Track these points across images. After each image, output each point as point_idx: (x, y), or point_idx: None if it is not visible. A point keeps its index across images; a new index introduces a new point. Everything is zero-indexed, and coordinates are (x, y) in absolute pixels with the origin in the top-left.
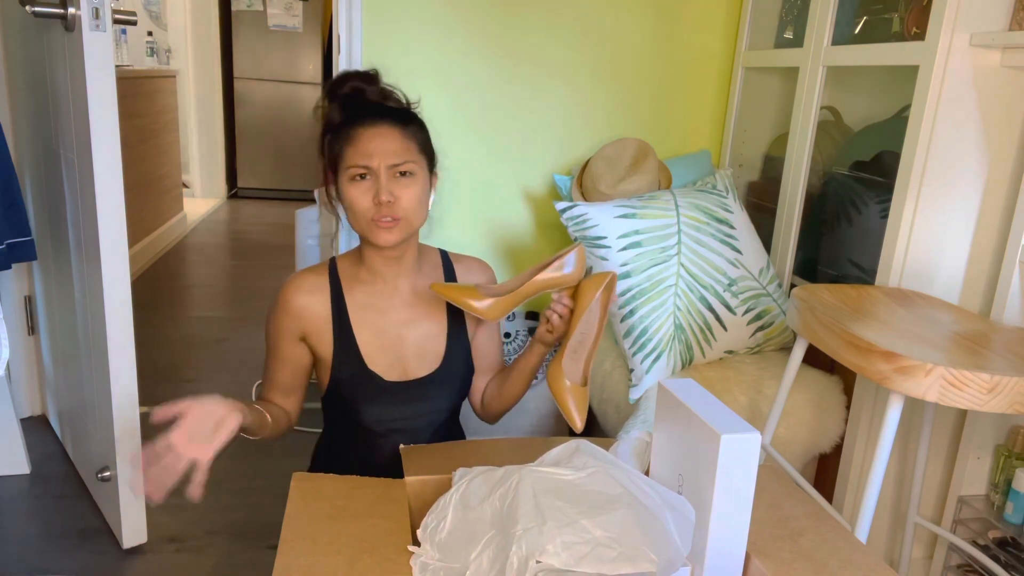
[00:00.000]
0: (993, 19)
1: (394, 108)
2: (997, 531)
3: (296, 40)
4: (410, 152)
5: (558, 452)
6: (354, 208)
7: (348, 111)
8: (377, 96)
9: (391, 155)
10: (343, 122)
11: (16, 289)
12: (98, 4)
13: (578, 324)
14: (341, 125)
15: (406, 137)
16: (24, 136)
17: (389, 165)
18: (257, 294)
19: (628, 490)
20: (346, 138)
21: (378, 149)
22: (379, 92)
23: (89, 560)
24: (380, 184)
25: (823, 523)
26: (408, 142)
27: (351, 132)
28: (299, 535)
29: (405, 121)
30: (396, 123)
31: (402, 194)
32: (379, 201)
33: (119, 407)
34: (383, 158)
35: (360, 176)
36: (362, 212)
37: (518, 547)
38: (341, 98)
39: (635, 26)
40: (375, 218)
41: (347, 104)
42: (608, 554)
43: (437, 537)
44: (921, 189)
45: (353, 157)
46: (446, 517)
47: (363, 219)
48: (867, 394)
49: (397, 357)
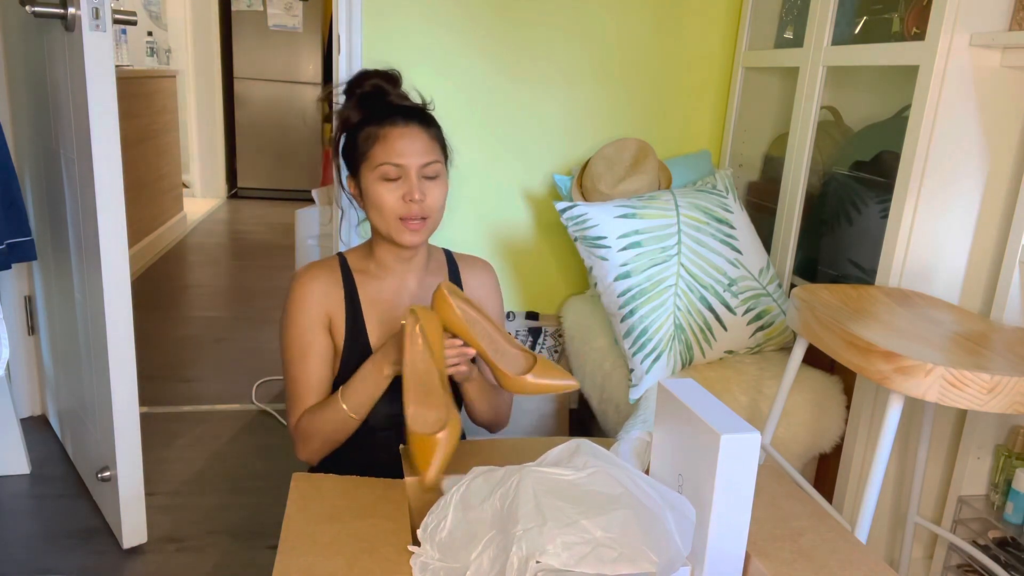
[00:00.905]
0: (993, 19)
1: (421, 109)
2: (997, 531)
3: (296, 40)
4: (436, 153)
5: (559, 452)
6: (382, 206)
7: (370, 110)
8: (399, 98)
9: (422, 155)
10: (367, 120)
11: (16, 289)
12: (98, 4)
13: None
14: (364, 123)
15: (432, 138)
16: (24, 136)
17: (421, 165)
18: (257, 294)
19: (628, 490)
20: (375, 136)
21: (409, 149)
22: (399, 94)
23: (89, 560)
24: (412, 183)
25: (823, 523)
26: (434, 143)
27: (380, 131)
28: (299, 535)
29: (430, 122)
30: (423, 124)
31: (430, 194)
32: (411, 199)
33: (119, 407)
34: (415, 158)
35: (390, 176)
36: (390, 210)
37: (518, 547)
38: (360, 96)
39: (635, 26)
40: (404, 217)
41: (368, 102)
42: (608, 554)
43: (437, 537)
44: (921, 189)
45: (384, 155)
46: (446, 517)
47: (390, 217)
48: (867, 394)
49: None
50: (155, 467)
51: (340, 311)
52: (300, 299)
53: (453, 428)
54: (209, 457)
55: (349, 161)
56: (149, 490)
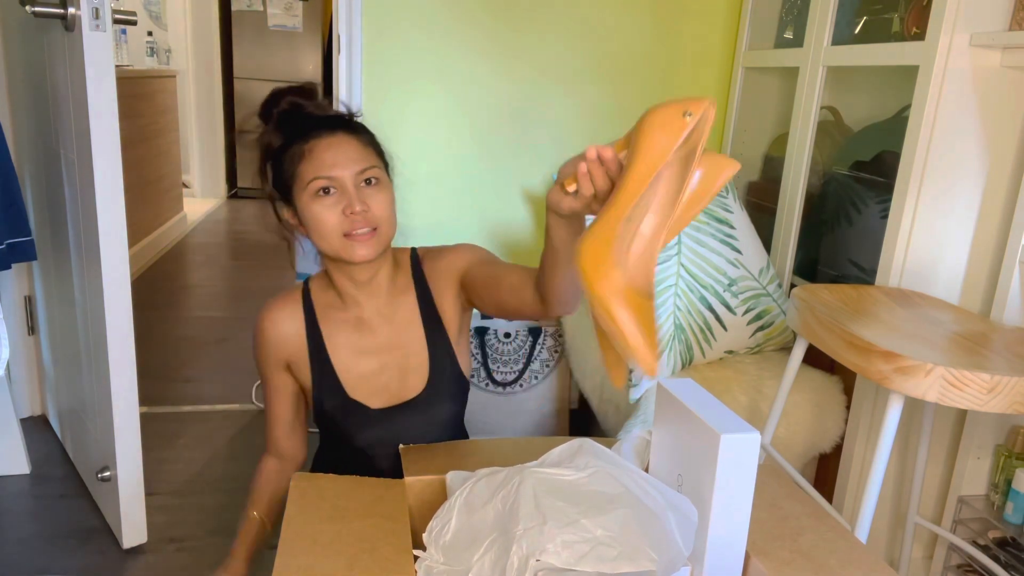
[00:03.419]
0: (993, 19)
1: (344, 117)
2: (997, 531)
3: (296, 40)
4: (372, 158)
5: (560, 452)
6: (322, 226)
7: (290, 129)
8: (317, 110)
9: (355, 163)
10: (289, 141)
11: (16, 289)
12: (98, 4)
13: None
14: (287, 144)
15: (364, 144)
16: (24, 136)
17: (355, 172)
18: (257, 294)
19: (629, 490)
20: (300, 154)
21: (340, 158)
22: (318, 106)
23: (89, 560)
24: (349, 194)
25: (822, 522)
26: (367, 149)
27: (305, 147)
28: (299, 535)
29: (358, 129)
30: (351, 131)
31: (373, 202)
32: (352, 211)
33: (119, 407)
34: (347, 167)
35: (324, 190)
36: (332, 228)
37: (518, 546)
38: (278, 117)
39: (635, 26)
40: (349, 232)
41: (287, 122)
42: (608, 553)
43: (442, 540)
44: (921, 189)
45: (312, 171)
46: (451, 520)
47: (334, 237)
48: (867, 394)
49: (380, 384)
50: (155, 467)
51: (302, 351)
52: (259, 343)
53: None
54: (209, 457)
55: (281, 190)
56: (149, 490)
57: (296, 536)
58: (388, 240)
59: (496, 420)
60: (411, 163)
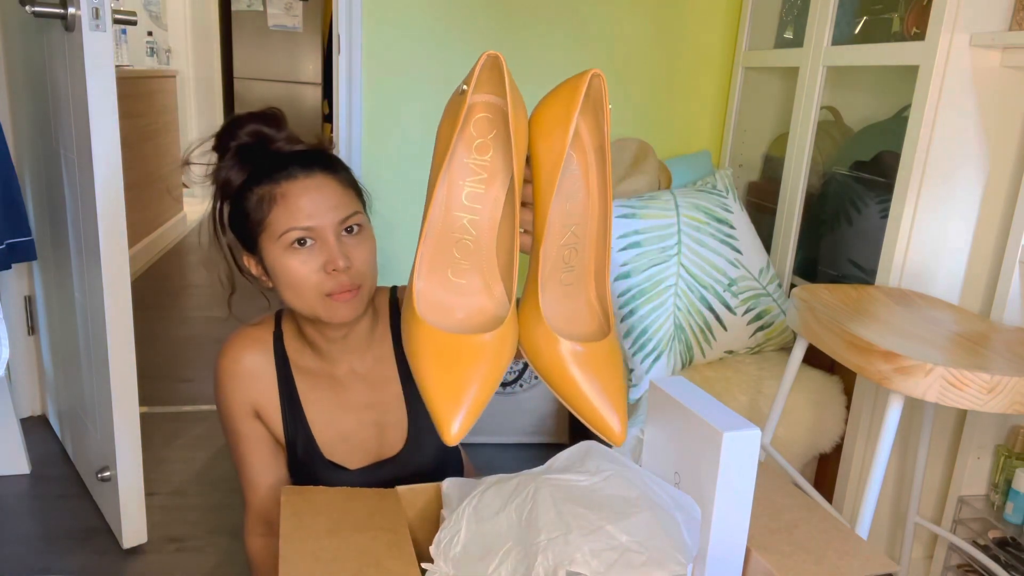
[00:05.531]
0: (993, 19)
1: (321, 151)
2: (997, 531)
3: (296, 40)
4: (354, 201)
5: (568, 456)
6: (299, 285)
7: (256, 165)
8: (288, 142)
9: (337, 210)
10: (254, 179)
11: (16, 289)
12: (98, 4)
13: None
14: (252, 183)
15: (344, 185)
16: (24, 136)
17: (337, 222)
18: (257, 294)
19: (644, 493)
20: (268, 199)
21: (319, 205)
22: (289, 138)
23: (89, 560)
24: (331, 249)
25: (814, 514)
26: (347, 191)
27: (276, 190)
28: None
29: (336, 166)
30: (329, 170)
31: (356, 255)
32: (334, 268)
33: (119, 407)
34: (328, 215)
35: (300, 242)
36: (312, 288)
37: (544, 557)
38: (239, 151)
39: (635, 26)
40: (332, 292)
41: (250, 156)
42: (637, 559)
43: (451, 552)
44: (921, 189)
45: (286, 220)
46: (460, 531)
47: (312, 296)
48: (867, 394)
49: (357, 442)
50: (155, 467)
51: (273, 400)
52: (222, 385)
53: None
54: (209, 457)
55: (241, 235)
56: (149, 490)
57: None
58: (371, 295)
59: (496, 420)
60: (411, 164)
